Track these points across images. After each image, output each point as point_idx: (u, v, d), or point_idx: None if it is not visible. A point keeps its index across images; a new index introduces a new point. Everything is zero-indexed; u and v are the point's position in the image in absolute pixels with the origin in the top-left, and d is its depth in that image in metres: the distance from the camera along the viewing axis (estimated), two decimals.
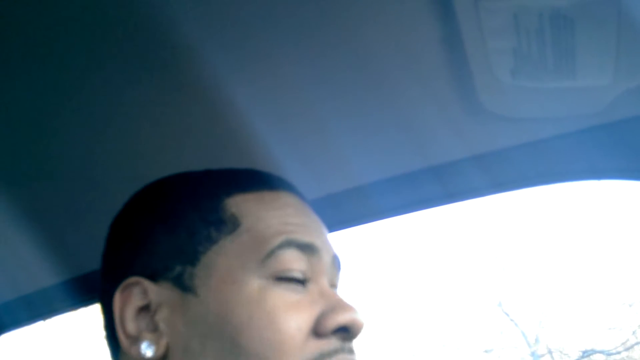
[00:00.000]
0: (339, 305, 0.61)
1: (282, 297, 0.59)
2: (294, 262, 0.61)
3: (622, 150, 0.80)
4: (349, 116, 0.80)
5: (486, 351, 10.45)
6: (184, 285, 0.60)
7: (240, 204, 0.63)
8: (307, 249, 0.62)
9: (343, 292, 0.68)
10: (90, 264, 1.07)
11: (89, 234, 0.90)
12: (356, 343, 0.63)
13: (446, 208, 0.95)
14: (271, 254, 0.60)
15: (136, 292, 0.61)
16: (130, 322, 0.60)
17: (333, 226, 1.00)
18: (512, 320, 10.56)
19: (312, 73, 0.72)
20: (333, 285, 0.66)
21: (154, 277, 0.61)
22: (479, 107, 0.75)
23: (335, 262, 0.66)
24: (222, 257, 0.61)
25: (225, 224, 0.62)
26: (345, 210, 0.96)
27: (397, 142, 0.85)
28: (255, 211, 0.63)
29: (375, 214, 0.98)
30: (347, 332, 0.61)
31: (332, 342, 0.59)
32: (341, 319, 0.60)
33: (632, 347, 9.82)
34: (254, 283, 0.59)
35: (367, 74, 0.72)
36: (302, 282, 0.61)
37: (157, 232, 0.63)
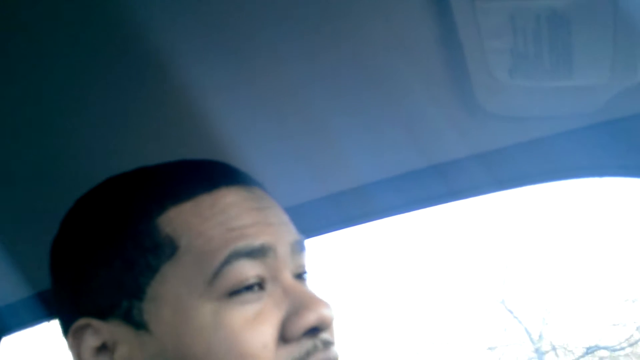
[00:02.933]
0: (302, 304, 0.56)
1: (238, 314, 0.54)
2: (244, 273, 0.55)
3: (623, 148, 0.80)
4: (349, 115, 0.80)
5: (490, 348, 10.45)
6: (135, 322, 0.56)
7: (175, 220, 0.56)
8: (258, 253, 0.56)
9: (313, 273, 0.64)
10: None
11: None
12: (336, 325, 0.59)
13: (449, 206, 0.95)
14: (217, 273, 0.54)
15: (88, 334, 0.57)
16: None
17: (335, 225, 1.01)
18: (515, 317, 10.55)
19: (311, 72, 0.72)
20: (299, 272, 0.60)
21: (102, 316, 0.57)
22: (477, 106, 0.75)
23: (297, 248, 0.60)
24: (167, 286, 0.55)
25: (162, 248, 0.56)
26: (347, 209, 0.96)
27: (397, 140, 0.85)
28: (192, 226, 0.56)
29: (377, 213, 0.98)
30: (317, 330, 0.56)
31: (304, 344, 0.55)
32: (307, 321, 0.55)
33: (636, 343, 9.81)
34: (206, 308, 0.54)
35: (367, 73, 0.72)
36: (259, 286, 0.56)
37: (95, 266, 0.57)
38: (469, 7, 0.60)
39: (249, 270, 0.55)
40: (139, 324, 0.55)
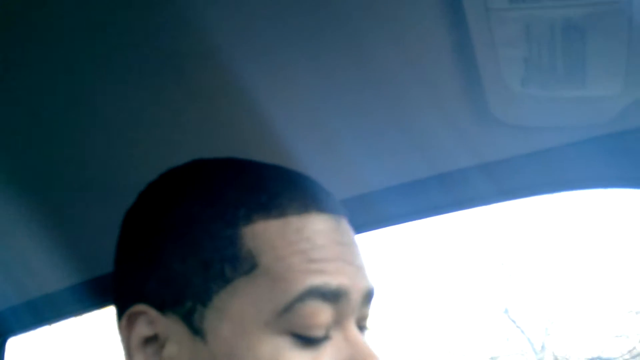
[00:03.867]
0: (359, 358, 0.53)
1: (297, 358, 0.52)
2: (316, 316, 0.52)
3: (630, 160, 0.80)
4: (357, 123, 0.79)
5: (492, 358, 10.40)
6: (193, 326, 0.54)
7: (260, 236, 0.54)
8: (334, 296, 0.53)
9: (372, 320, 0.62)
10: (96, 269, 1.07)
11: (95, 238, 0.90)
12: None
13: (453, 215, 0.95)
14: (290, 307, 0.52)
15: (142, 322, 0.55)
16: (136, 352, 0.55)
17: None
18: (518, 327, 10.51)
19: (320, 80, 0.72)
20: (362, 321, 0.58)
21: (162, 308, 0.55)
22: (489, 115, 0.75)
23: (367, 297, 0.57)
24: (236, 301, 0.53)
25: (241, 262, 0.53)
26: (351, 217, 0.95)
27: (405, 149, 0.85)
28: (275, 247, 0.53)
29: (381, 221, 0.98)
30: None
31: None
32: None
33: (638, 354, 9.75)
34: (268, 340, 0.51)
35: (377, 81, 0.72)
36: (324, 337, 0.53)
37: (169, 256, 0.55)
38: (484, 16, 0.60)
39: (320, 312, 0.52)
40: (197, 329, 0.53)
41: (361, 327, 0.58)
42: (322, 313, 0.52)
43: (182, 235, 0.55)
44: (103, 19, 0.61)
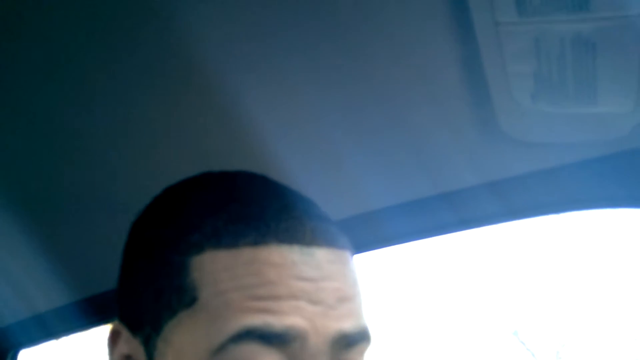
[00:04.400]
0: None
1: None
2: None
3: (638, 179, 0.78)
4: (363, 140, 0.79)
5: None
6: (148, 352, 0.51)
7: (205, 267, 0.48)
8: (280, 340, 0.46)
9: None
10: (102, 285, 1.07)
11: (103, 253, 0.89)
12: None
13: (461, 234, 0.94)
14: (222, 348, 0.46)
15: (122, 340, 0.53)
16: None
17: None
18: (528, 349, 10.40)
19: (324, 96, 0.71)
20: None
21: (132, 329, 0.53)
22: (498, 131, 0.74)
23: (342, 341, 0.49)
24: (178, 336, 0.49)
25: (184, 294, 0.49)
26: (356, 236, 0.94)
27: (411, 167, 0.84)
28: (218, 280, 0.48)
29: (387, 240, 0.97)
30: None
31: None
32: None
33: None
34: None
35: (383, 98, 0.71)
36: None
37: (136, 280, 0.53)
38: (493, 31, 0.59)
39: (257, 358, 0.46)
40: (150, 357, 0.51)
41: None
42: (263, 357, 0.46)
43: (145, 259, 0.53)
44: (104, 31, 0.61)
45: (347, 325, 0.49)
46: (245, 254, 0.48)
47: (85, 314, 1.13)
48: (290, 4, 0.59)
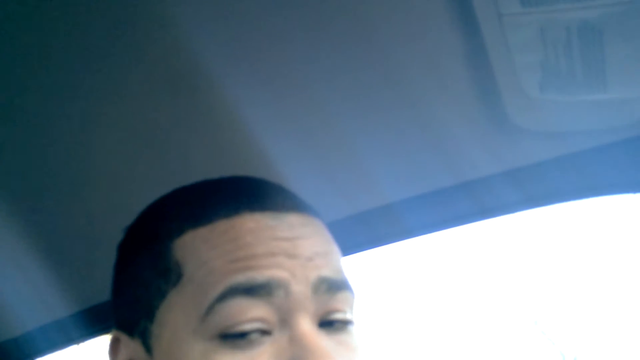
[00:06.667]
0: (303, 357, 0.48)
1: None
2: (241, 313, 0.49)
3: None
4: (378, 133, 0.79)
5: None
6: (147, 345, 0.54)
7: (187, 246, 0.52)
8: (261, 290, 0.49)
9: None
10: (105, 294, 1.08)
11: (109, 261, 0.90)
12: None
13: (481, 224, 0.94)
14: (211, 309, 0.49)
15: (121, 347, 0.56)
16: None
17: (363, 245, 0.99)
18: (549, 339, 10.33)
19: (340, 91, 0.72)
20: (331, 314, 0.52)
21: (130, 332, 0.56)
22: (508, 122, 0.74)
23: (322, 287, 0.52)
24: (171, 314, 0.52)
25: (170, 274, 0.52)
26: (376, 228, 0.95)
27: (426, 158, 0.84)
28: (199, 253, 0.52)
29: (406, 232, 0.97)
30: None
31: None
32: None
33: None
34: (195, 346, 0.50)
35: (395, 91, 0.72)
36: (262, 332, 0.49)
37: (122, 282, 0.58)
38: (496, 22, 0.59)
39: (246, 309, 0.49)
40: (148, 348, 0.54)
41: (332, 321, 0.52)
42: (250, 310, 0.49)
43: (132, 262, 0.57)
44: (104, 39, 0.62)
45: (325, 272, 0.52)
46: (222, 226, 0.52)
47: (90, 323, 1.14)
48: None
